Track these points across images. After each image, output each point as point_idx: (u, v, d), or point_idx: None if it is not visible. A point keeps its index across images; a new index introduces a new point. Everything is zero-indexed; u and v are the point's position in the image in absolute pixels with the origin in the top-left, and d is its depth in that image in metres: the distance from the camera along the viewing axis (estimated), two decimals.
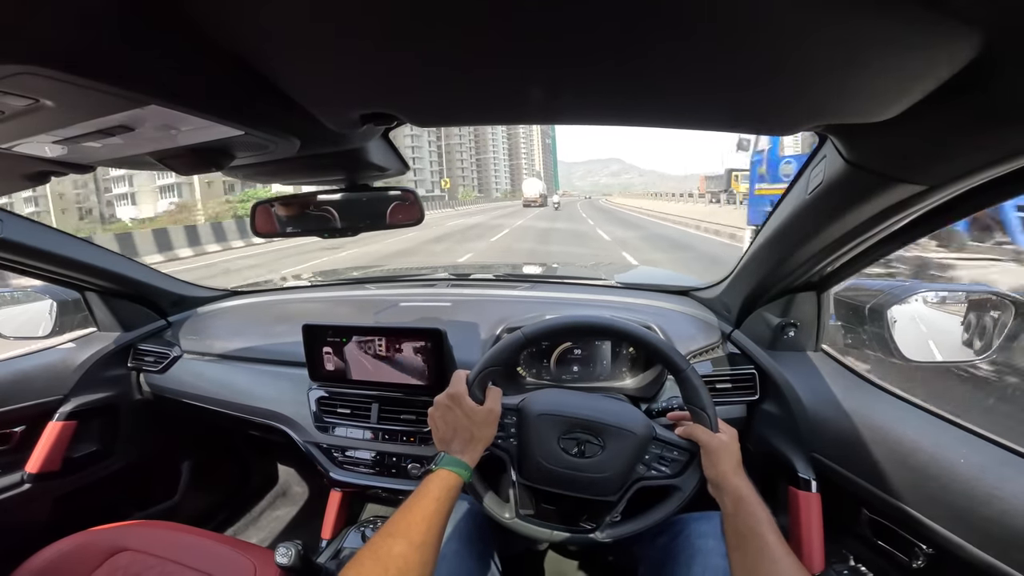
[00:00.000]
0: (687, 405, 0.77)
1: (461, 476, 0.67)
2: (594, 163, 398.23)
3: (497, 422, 0.74)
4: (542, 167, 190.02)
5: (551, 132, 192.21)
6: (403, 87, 0.45)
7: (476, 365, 0.78)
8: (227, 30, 0.35)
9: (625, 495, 0.75)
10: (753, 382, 1.02)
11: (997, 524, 0.60)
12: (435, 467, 0.67)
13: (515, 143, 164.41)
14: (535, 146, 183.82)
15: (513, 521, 0.76)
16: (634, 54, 0.36)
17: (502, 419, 0.77)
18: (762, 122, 0.50)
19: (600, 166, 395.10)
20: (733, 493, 0.67)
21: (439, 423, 0.73)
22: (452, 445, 0.70)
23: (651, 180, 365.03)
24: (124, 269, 1.29)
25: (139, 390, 1.41)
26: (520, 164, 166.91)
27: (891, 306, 0.81)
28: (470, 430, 0.70)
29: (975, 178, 0.49)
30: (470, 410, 0.71)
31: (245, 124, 0.50)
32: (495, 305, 1.32)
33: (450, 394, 0.73)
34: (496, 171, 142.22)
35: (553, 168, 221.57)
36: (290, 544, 0.88)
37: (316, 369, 1.12)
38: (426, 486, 0.64)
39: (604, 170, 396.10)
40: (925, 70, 0.36)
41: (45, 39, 0.32)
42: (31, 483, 1.19)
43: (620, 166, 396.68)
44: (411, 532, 0.57)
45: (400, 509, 0.61)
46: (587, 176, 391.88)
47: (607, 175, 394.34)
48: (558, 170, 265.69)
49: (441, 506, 0.62)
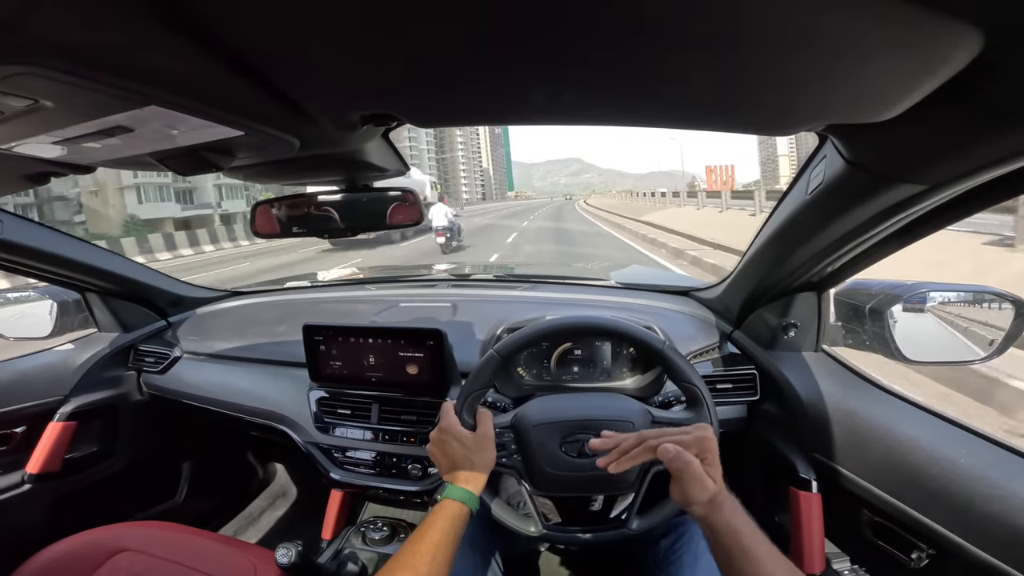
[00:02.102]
0: (677, 384, 0.78)
1: (466, 505, 0.67)
2: (554, 163, 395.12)
3: (493, 444, 0.75)
4: (491, 164, 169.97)
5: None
6: (403, 87, 0.45)
7: (459, 395, 0.79)
8: (227, 30, 0.35)
9: (643, 484, 0.76)
10: (753, 382, 1.01)
11: (997, 524, 0.60)
12: (440, 497, 0.67)
13: (449, 133, 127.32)
14: (481, 140, 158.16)
15: (542, 534, 0.77)
16: (634, 55, 0.36)
17: (499, 439, 0.77)
18: (762, 122, 0.50)
19: (560, 166, 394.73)
20: (713, 523, 0.57)
21: (438, 456, 0.74)
22: (455, 475, 0.70)
23: (610, 179, 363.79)
24: (124, 270, 1.28)
25: (139, 391, 1.41)
26: (455, 158, 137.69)
27: (891, 306, 0.81)
28: (469, 458, 0.71)
29: (975, 178, 0.49)
30: (463, 438, 0.72)
31: (245, 124, 0.50)
32: (495, 305, 1.33)
33: (441, 427, 0.74)
34: (468, 173, 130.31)
35: (506, 165, 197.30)
36: (290, 544, 0.88)
37: (316, 369, 1.12)
38: (431, 517, 0.64)
39: (564, 170, 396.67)
40: (925, 70, 0.36)
41: (45, 39, 0.32)
42: (31, 484, 1.19)
43: (580, 166, 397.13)
44: (417, 563, 0.58)
45: (407, 541, 0.62)
46: (547, 177, 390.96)
47: (567, 175, 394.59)
48: (512, 170, 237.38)
49: (446, 536, 0.62)
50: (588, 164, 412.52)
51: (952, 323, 0.80)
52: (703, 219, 13.10)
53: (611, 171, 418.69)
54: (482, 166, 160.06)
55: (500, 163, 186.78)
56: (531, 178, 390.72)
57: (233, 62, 0.38)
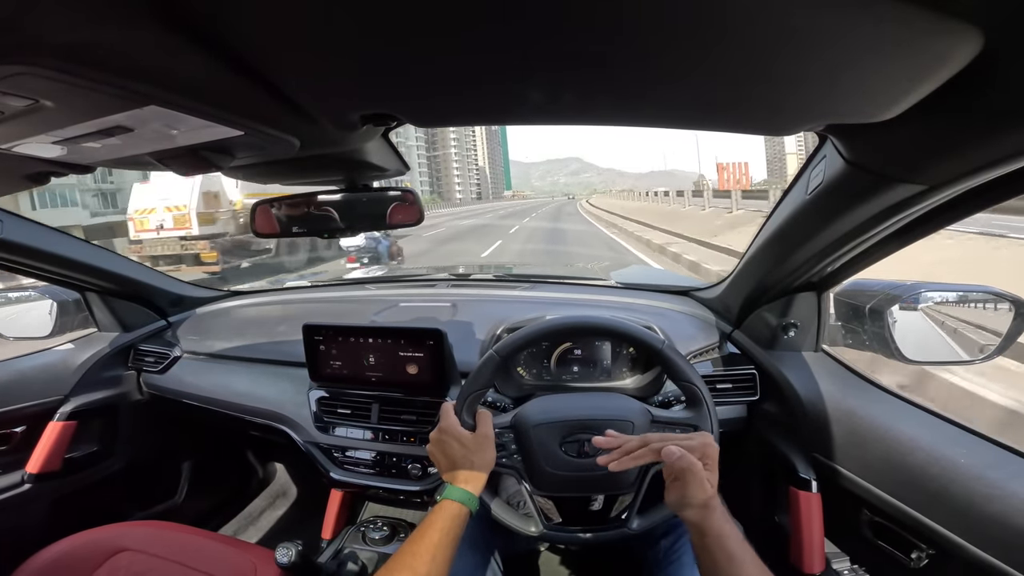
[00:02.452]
0: (676, 383, 0.78)
1: (466, 505, 0.67)
2: (553, 163, 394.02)
3: (492, 445, 0.75)
4: (487, 163, 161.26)
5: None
6: (403, 87, 0.45)
7: (459, 395, 0.79)
8: (227, 31, 0.35)
9: (643, 484, 0.76)
10: (753, 382, 1.02)
11: (997, 524, 0.60)
12: (439, 497, 0.68)
13: (442, 129, 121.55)
14: (478, 138, 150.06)
15: (542, 533, 0.77)
16: (634, 55, 0.36)
17: (499, 439, 0.78)
18: (762, 122, 0.50)
19: (559, 166, 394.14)
20: (706, 528, 0.59)
21: (438, 457, 0.74)
22: (455, 475, 0.71)
23: (609, 178, 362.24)
24: (124, 269, 1.29)
25: (139, 390, 1.41)
26: (448, 156, 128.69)
27: (891, 306, 0.81)
28: (468, 458, 0.71)
29: (975, 178, 0.49)
30: (463, 438, 0.72)
31: (245, 124, 0.50)
32: (495, 305, 1.33)
33: (440, 428, 0.74)
34: (462, 172, 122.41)
35: (504, 164, 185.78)
36: (290, 544, 0.88)
37: (316, 369, 1.12)
38: (430, 517, 0.64)
39: (563, 169, 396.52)
40: (925, 70, 0.36)
41: (45, 39, 0.32)
42: (31, 483, 1.19)
43: (579, 165, 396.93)
44: (416, 563, 0.58)
45: (406, 541, 0.62)
46: (546, 176, 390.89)
47: (566, 174, 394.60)
48: (510, 170, 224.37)
49: (445, 537, 0.62)
50: (587, 163, 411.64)
51: (953, 323, 0.80)
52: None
53: (611, 170, 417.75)
54: (478, 164, 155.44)
55: (497, 162, 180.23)
56: (530, 177, 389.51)
57: (233, 62, 0.38)
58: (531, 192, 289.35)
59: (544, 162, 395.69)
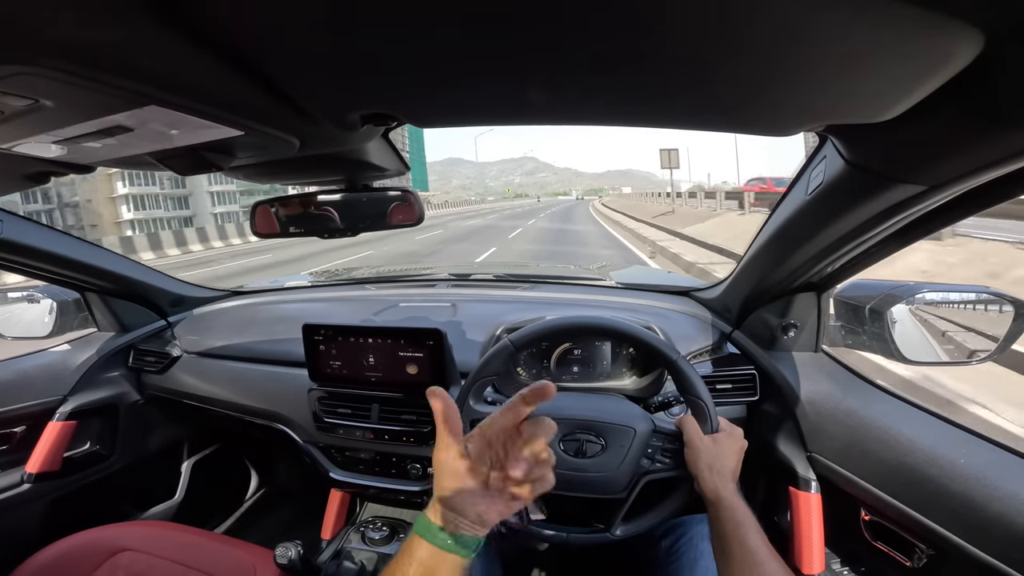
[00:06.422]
0: (684, 396, 0.78)
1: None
2: (507, 162, 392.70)
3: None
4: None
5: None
6: (403, 87, 0.45)
7: (467, 379, 0.80)
8: (227, 30, 0.35)
9: (633, 490, 0.76)
10: (753, 382, 1.01)
11: (997, 524, 0.60)
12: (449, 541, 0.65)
13: None
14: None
15: (526, 528, 0.77)
16: (634, 56, 0.36)
17: None
18: (763, 123, 0.50)
19: (514, 165, 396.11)
20: (709, 494, 0.67)
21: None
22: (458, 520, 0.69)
23: (566, 178, 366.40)
24: (124, 269, 1.28)
25: (139, 390, 1.41)
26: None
27: (891, 306, 0.81)
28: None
29: (975, 178, 0.49)
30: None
31: (245, 124, 0.50)
32: (495, 306, 1.32)
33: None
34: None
35: (418, 157, 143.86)
36: (290, 544, 0.89)
37: (316, 369, 1.12)
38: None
39: (518, 169, 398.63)
40: (926, 71, 0.36)
41: (44, 39, 0.32)
42: (31, 483, 1.19)
43: (535, 164, 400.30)
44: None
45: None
46: (501, 176, 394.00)
47: (521, 174, 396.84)
48: (427, 170, 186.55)
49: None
50: (543, 163, 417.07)
51: (953, 323, 0.80)
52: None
53: (567, 170, 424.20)
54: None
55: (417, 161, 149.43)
56: (485, 177, 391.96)
57: (233, 62, 0.38)
58: (474, 196, 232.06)
59: (498, 162, 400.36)
